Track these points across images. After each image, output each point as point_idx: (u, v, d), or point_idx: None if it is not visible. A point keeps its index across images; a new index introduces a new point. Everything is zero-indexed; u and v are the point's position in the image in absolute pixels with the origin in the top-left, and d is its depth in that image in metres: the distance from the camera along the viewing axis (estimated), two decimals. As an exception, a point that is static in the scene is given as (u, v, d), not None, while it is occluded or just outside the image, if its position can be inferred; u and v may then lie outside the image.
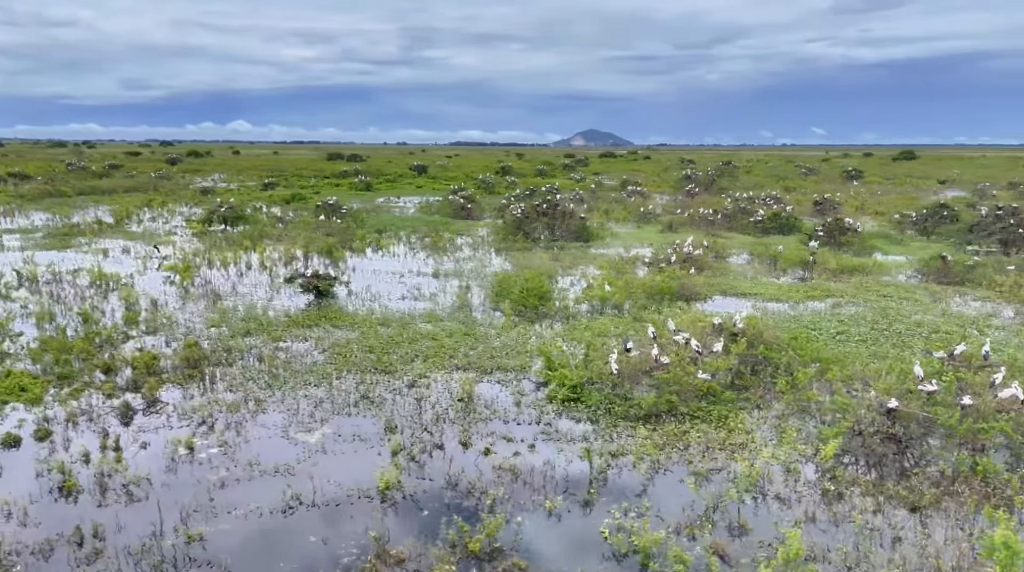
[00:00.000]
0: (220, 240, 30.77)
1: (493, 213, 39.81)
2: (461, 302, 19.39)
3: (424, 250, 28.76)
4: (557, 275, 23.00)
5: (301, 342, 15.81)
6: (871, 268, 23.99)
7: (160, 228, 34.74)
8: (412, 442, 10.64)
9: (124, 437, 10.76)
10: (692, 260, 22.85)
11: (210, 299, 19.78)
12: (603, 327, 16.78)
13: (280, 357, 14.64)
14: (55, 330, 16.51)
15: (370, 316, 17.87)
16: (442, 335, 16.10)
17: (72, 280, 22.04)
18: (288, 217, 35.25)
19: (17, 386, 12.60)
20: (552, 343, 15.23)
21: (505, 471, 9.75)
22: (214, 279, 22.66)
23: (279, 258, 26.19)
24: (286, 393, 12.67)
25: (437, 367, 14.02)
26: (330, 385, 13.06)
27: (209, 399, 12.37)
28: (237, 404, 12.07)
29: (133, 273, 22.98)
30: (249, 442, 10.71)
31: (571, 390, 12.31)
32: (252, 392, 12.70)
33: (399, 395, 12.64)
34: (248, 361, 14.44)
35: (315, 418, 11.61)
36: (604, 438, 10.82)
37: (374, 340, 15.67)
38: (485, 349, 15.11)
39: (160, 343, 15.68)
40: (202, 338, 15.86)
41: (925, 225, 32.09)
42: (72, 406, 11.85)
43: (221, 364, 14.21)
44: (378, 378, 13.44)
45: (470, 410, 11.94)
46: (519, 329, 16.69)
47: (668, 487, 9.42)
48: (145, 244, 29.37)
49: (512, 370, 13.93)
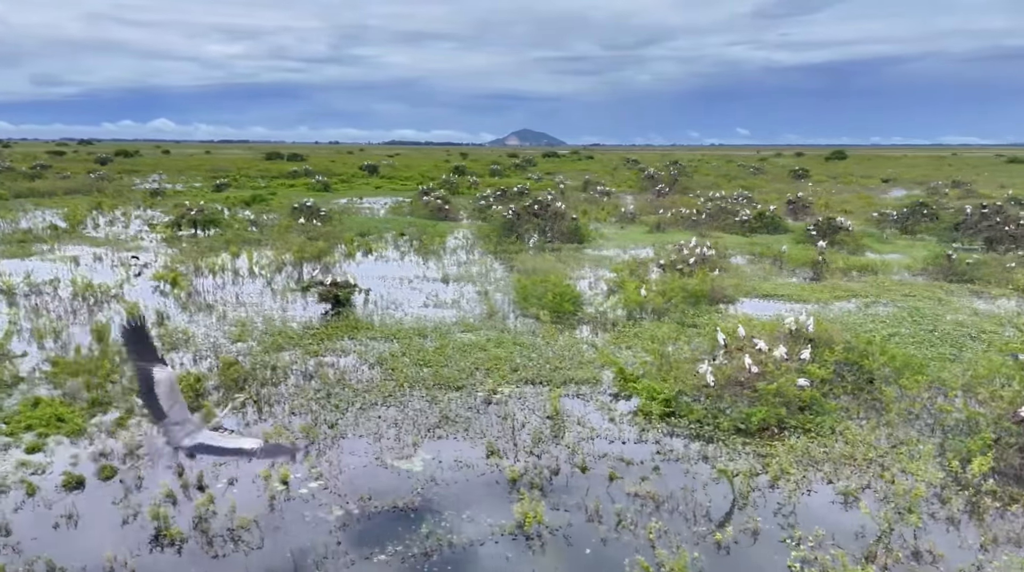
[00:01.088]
0: (194, 246, 29.07)
1: (472, 214, 38.94)
2: (488, 309, 18.56)
3: (417, 253, 27.73)
4: (567, 278, 22.31)
5: (342, 356, 14.73)
6: (878, 267, 24.12)
7: (122, 233, 32.63)
8: (525, 468, 9.82)
9: (204, 473, 9.60)
10: (707, 261, 22.51)
11: (217, 311, 18.41)
12: (651, 333, 16.21)
13: (329, 374, 13.56)
14: (60, 348, 15.02)
15: (401, 326, 16.87)
16: (489, 345, 15.26)
17: (54, 292, 20.28)
18: (262, 220, 33.60)
19: (52, 416, 11.23)
20: (616, 353, 14.62)
21: (643, 498, 9.03)
22: (209, 288, 21.21)
23: (268, 264, 24.80)
24: (357, 415, 11.65)
25: (504, 381, 13.18)
26: (400, 404, 12.09)
27: (277, 424, 11.26)
28: (311, 429, 11.01)
29: (120, 283, 21.25)
30: (345, 472, 9.71)
31: (664, 404, 11.68)
32: (320, 415, 11.64)
33: (479, 413, 11.78)
34: (297, 380, 13.33)
35: (403, 442, 10.65)
36: (726, 456, 10.21)
37: (420, 352, 14.72)
38: (542, 359, 14.34)
39: (186, 361, 14.38)
40: (225, 353, 14.63)
41: (906, 223, 32.65)
42: (126, 437, 10.59)
43: (267, 383, 13.05)
44: (448, 395, 12.53)
45: (563, 428, 11.17)
46: (565, 337, 15.97)
47: (820, 509, 8.87)
48: (115, 251, 27.48)
49: (584, 382, 13.20)
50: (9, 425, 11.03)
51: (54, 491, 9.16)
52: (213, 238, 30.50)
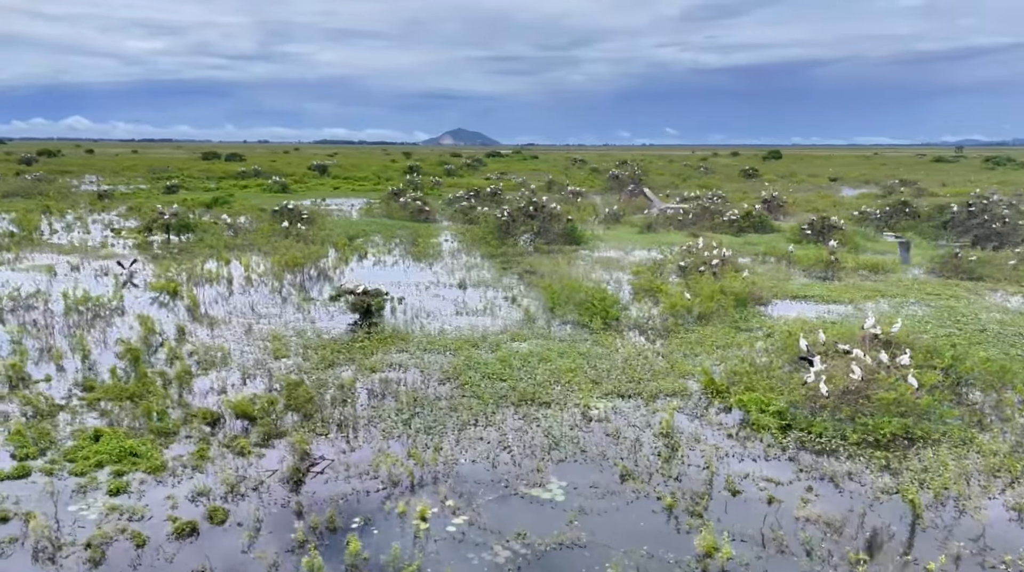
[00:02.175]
0: (172, 252, 27.40)
1: (454, 216, 38.00)
2: (526, 316, 17.82)
3: (415, 258, 26.69)
4: (589, 282, 21.70)
5: (401, 371, 13.77)
6: (888, 266, 24.30)
7: (86, 239, 30.51)
8: (673, 494, 9.15)
9: (346, 518, 8.60)
10: (726, 263, 22.24)
11: (237, 323, 17.16)
12: (710, 339, 15.75)
13: (400, 390, 12.62)
14: (88, 371, 13.64)
15: (446, 336, 15.98)
16: (551, 355, 14.53)
17: (44, 306, 18.60)
18: (238, 224, 31.93)
19: (123, 450, 10.02)
20: (685, 361, 14.11)
21: (815, 523, 8.49)
22: (214, 298, 19.82)
23: (265, 271, 23.44)
24: (457, 437, 10.79)
25: (589, 394, 12.48)
26: (495, 423, 11.26)
27: (375, 450, 10.30)
28: (417, 454, 10.09)
29: (119, 295, 19.62)
30: (482, 504, 8.86)
31: (776, 416, 11.20)
32: (416, 438, 10.73)
33: (585, 432, 11.06)
34: (368, 398, 12.34)
35: (524, 467, 9.85)
36: (871, 472, 9.76)
37: (483, 365, 13.88)
38: (614, 370, 13.70)
39: (235, 380, 13.20)
40: (272, 372, 13.54)
41: (890, 221, 33.23)
42: (224, 473, 9.48)
43: (337, 404, 12.03)
44: (541, 412, 11.77)
45: (681, 446, 10.56)
46: (625, 345, 15.37)
47: (1001, 526, 8.48)
48: (88, 258, 25.59)
49: (672, 394, 12.61)
50: (76, 463, 9.77)
51: (167, 541, 8.06)
52: (193, 244, 28.80)
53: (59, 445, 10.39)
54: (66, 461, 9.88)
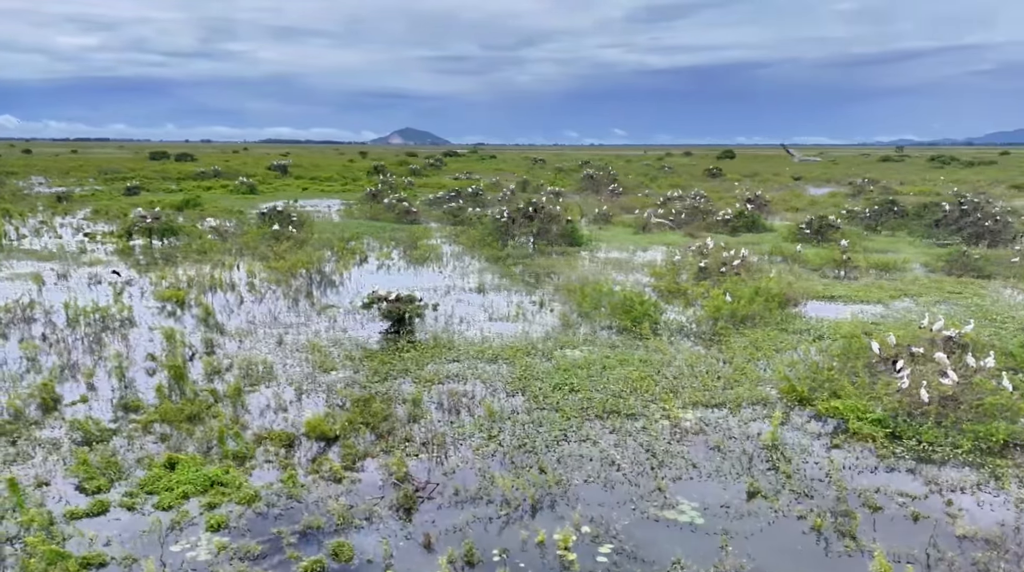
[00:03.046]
0: (158, 257, 26.06)
1: (442, 217, 37.18)
2: (563, 321, 17.27)
3: (419, 261, 25.87)
4: (613, 284, 21.24)
5: (462, 383, 13.08)
6: (899, 264, 24.44)
7: (59, 244, 28.83)
8: (811, 511, 8.70)
9: (474, 545, 7.91)
10: (745, 264, 22.04)
11: (266, 334, 16.21)
12: (762, 342, 15.42)
13: (471, 404, 11.95)
14: (126, 390, 12.60)
15: (490, 344, 15.32)
16: (612, 363, 14.00)
17: (46, 317, 17.33)
18: (225, 227, 30.58)
19: (206, 479, 9.15)
20: (750, 366, 13.75)
21: (976, 541, 8.12)
22: (227, 307, 18.77)
23: (269, 277, 22.38)
24: (557, 454, 10.17)
25: (671, 405, 11.98)
26: (587, 438, 10.68)
27: (476, 471, 9.62)
28: (535, 477, 9.45)
29: (127, 306, 18.39)
30: (623, 531, 8.27)
31: (876, 424, 10.88)
32: (513, 456, 10.08)
33: (686, 446, 10.55)
34: (439, 413, 11.63)
35: (644, 487, 9.29)
36: (1000, 482, 9.47)
37: (545, 375, 13.29)
38: (684, 377, 13.24)
39: (290, 395, 12.34)
40: (328, 387, 12.74)
41: (879, 220, 33.61)
42: (329, 503, 8.69)
43: (410, 421, 11.29)
44: (629, 425, 11.22)
45: (793, 458, 10.14)
46: (683, 351, 14.93)
47: None
48: (72, 265, 24.12)
49: (756, 403, 12.20)
50: (159, 495, 8.87)
51: (301, 585, 7.27)
52: (180, 249, 27.44)
53: (130, 475, 9.44)
54: (145, 493, 8.95)
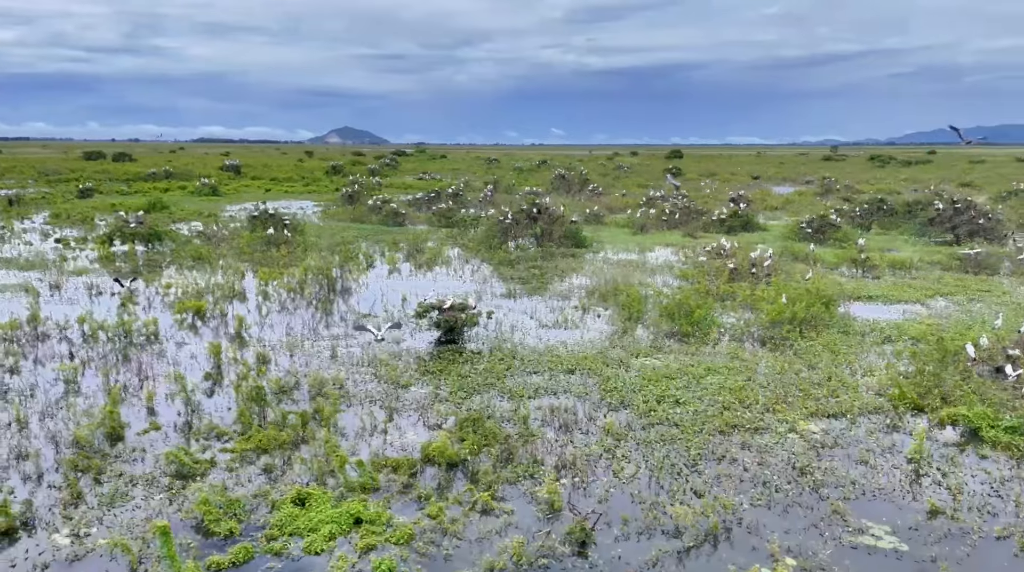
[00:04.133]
0: (151, 264, 24.50)
1: (432, 219, 36.13)
2: (621, 328, 16.67)
3: (428, 266, 24.92)
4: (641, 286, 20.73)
5: (553, 396, 12.37)
6: (914, 263, 24.62)
7: (33, 251, 26.84)
8: (1007, 531, 8.31)
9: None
10: (774, 265, 21.85)
11: (316, 348, 15.16)
12: (836, 346, 15.12)
13: (578, 420, 11.24)
14: (192, 414, 11.48)
15: (557, 354, 14.62)
16: (698, 372, 13.47)
17: (60, 333, 15.88)
18: (213, 231, 28.96)
19: (347, 516, 8.22)
20: (841, 371, 13.40)
21: None
22: (254, 318, 17.55)
23: (282, 284, 21.16)
24: (699, 475, 9.55)
25: (785, 417, 11.51)
26: (724, 457, 10.11)
27: (629, 496, 8.94)
28: (710, 506, 8.81)
29: (152, 320, 17.00)
30: (828, 562, 7.70)
31: (1011, 433, 10.60)
32: (663, 481, 9.42)
33: (831, 460, 10.06)
34: (554, 433, 10.88)
35: (818, 511, 8.76)
36: None
37: (639, 387, 12.68)
38: (781, 386, 12.80)
39: (380, 418, 11.41)
40: (417, 404, 11.89)
41: (871, 219, 34.04)
42: (503, 542, 7.88)
43: (525, 441, 10.51)
44: (757, 439, 10.70)
45: (942, 473, 9.76)
46: (762, 357, 14.50)
47: None
48: (56, 274, 22.37)
49: (872, 411, 11.82)
50: (304, 538, 7.92)
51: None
52: (174, 255, 25.83)
53: (256, 514, 8.44)
54: (286, 536, 7.98)
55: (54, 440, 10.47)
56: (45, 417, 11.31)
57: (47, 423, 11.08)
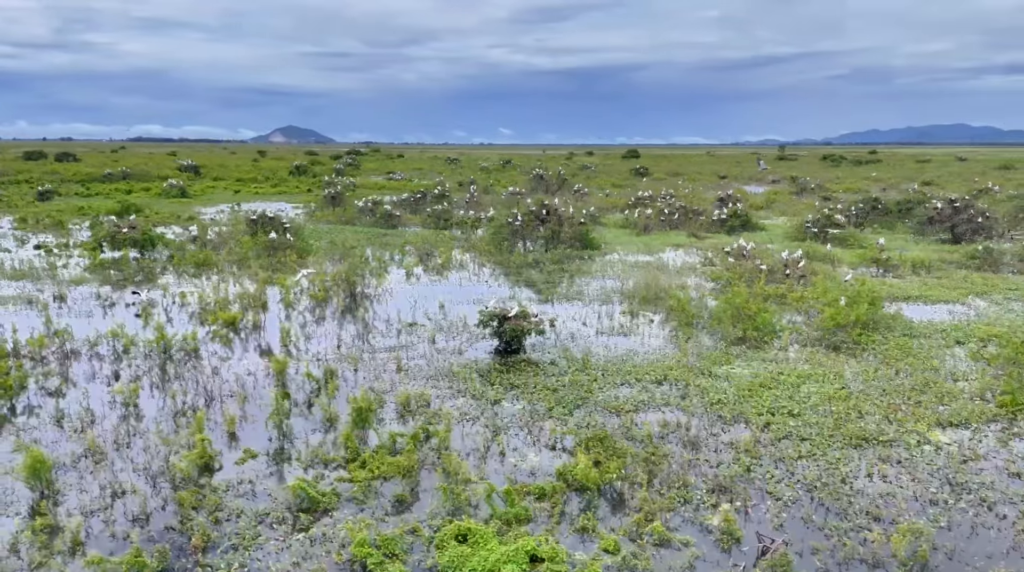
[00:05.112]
0: (147, 271, 23.12)
1: (425, 221, 35.14)
2: (685, 334, 16.17)
3: (442, 271, 24.08)
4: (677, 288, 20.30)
5: (655, 410, 11.79)
6: (932, 262, 24.77)
7: (14, 259, 25.08)
8: None
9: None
10: (804, 268, 21.67)
11: (375, 361, 14.29)
12: (908, 349, 14.88)
13: (697, 437, 10.68)
14: (284, 439, 10.57)
15: (633, 364, 14.06)
16: (792, 380, 13.05)
17: (91, 351, 14.67)
18: (209, 237, 27.53)
19: (520, 552, 7.48)
20: (932, 377, 13.15)
21: None
22: (299, 329, 16.53)
23: (304, 291, 20.14)
24: (862, 496, 9.08)
25: (915, 425, 11.15)
26: (871, 473, 9.67)
27: (798, 520, 8.41)
28: (862, 527, 8.33)
29: (194, 334, 15.82)
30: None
31: None
32: (827, 503, 8.91)
33: (978, 474, 9.71)
34: (684, 450, 10.29)
35: (1007, 533, 8.35)
36: None
37: (740, 398, 12.20)
38: (883, 393, 12.46)
39: (484, 437, 10.66)
40: (519, 421, 11.20)
41: (867, 218, 34.35)
42: None
43: (655, 461, 9.89)
44: (895, 452, 10.29)
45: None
46: (844, 363, 14.17)
47: None
48: (54, 285, 20.91)
49: (991, 420, 11.52)
50: (493, 582, 7.16)
51: None
52: (174, 262, 24.39)
53: (416, 554, 7.64)
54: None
55: (145, 473, 9.46)
56: (121, 446, 10.26)
57: (127, 453, 10.05)
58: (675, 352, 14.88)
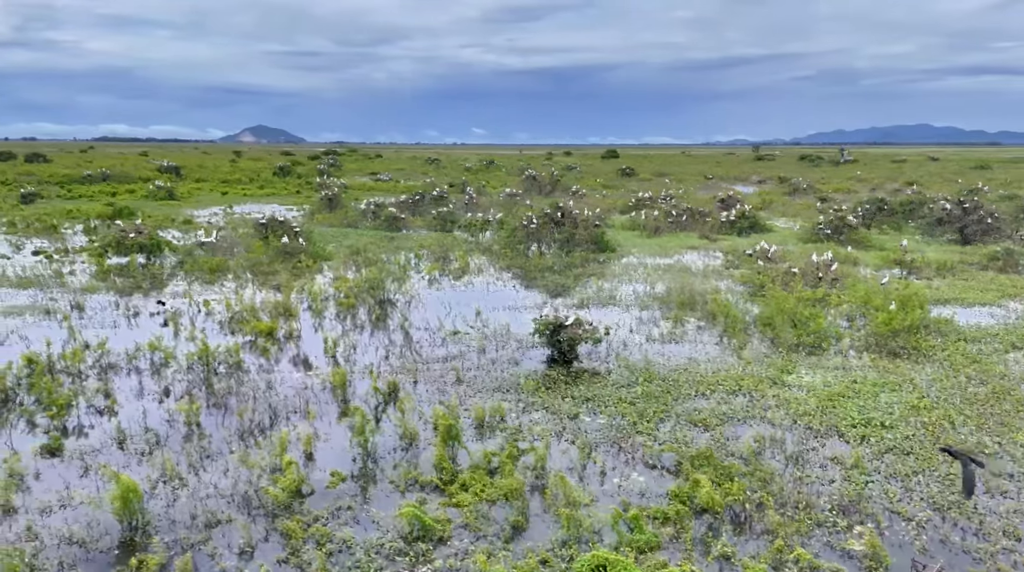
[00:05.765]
0: (155, 278, 22.31)
1: (430, 223, 34.52)
2: (739, 341, 15.84)
3: (461, 275, 23.57)
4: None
5: (740, 424, 11.41)
6: (953, 264, 24.77)
7: (14, 266, 24.07)
8: None
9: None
10: (837, 271, 21.50)
11: (432, 372, 13.75)
12: (977, 357, 14.68)
13: (795, 451, 10.33)
14: (371, 462, 10.02)
15: (695, 373, 13.70)
16: (868, 389, 12.76)
17: (129, 364, 13.96)
18: (215, 241, 26.66)
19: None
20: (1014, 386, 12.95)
21: None
22: (339, 339, 15.87)
23: (329, 297, 19.52)
24: (994, 517, 8.78)
25: (1011, 439, 10.91)
26: (989, 490, 9.38)
27: (962, 551, 8.08)
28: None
29: (234, 346, 15.12)
30: None
31: None
32: (961, 524, 8.59)
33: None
34: (786, 466, 9.91)
35: None
36: None
37: (822, 409, 11.88)
38: (976, 404, 12.21)
39: (571, 455, 10.21)
40: (599, 436, 10.79)
41: (872, 219, 34.41)
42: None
43: (762, 481, 9.50)
44: (1014, 469, 10.01)
45: None
46: (916, 372, 13.92)
47: None
48: (64, 293, 20.04)
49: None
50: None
51: None
52: (186, 267, 23.56)
53: (561, 590, 7.17)
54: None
55: (232, 499, 8.86)
56: (197, 469, 9.63)
57: (206, 477, 9.41)
58: (734, 360, 14.54)
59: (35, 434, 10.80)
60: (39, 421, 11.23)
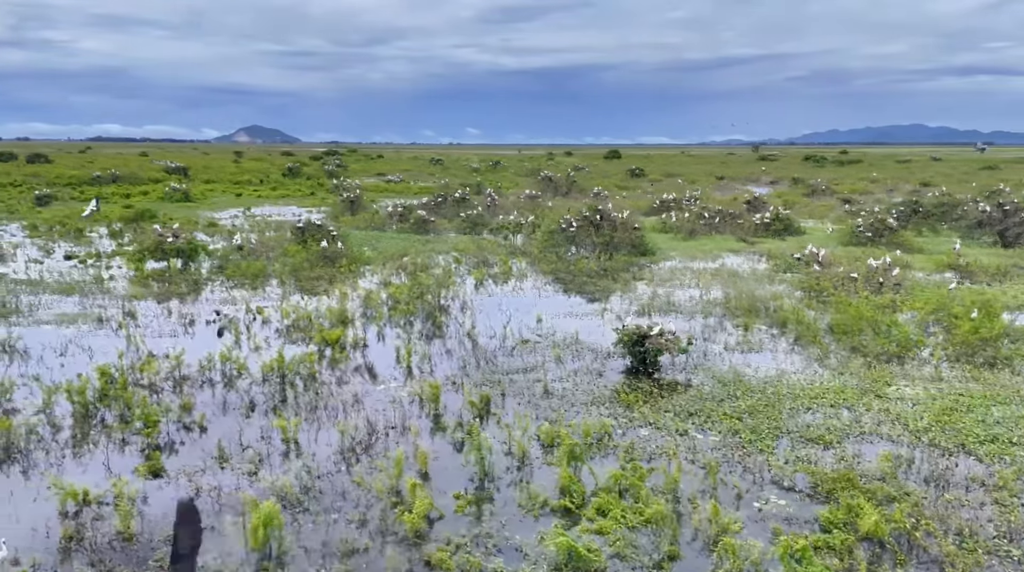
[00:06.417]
0: (192, 284, 21.78)
1: (461, 228, 33.98)
2: (820, 351, 15.40)
3: (504, 279, 23.09)
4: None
5: (861, 441, 10.97)
6: (1007, 268, 24.43)
7: (49, 272, 23.49)
8: None
9: None
10: (898, 276, 21.11)
11: (518, 385, 13.28)
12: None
13: (926, 469, 9.90)
14: (492, 480, 9.55)
15: (788, 382, 13.29)
16: (980, 403, 12.31)
17: (204, 377, 13.43)
18: (250, 245, 26.12)
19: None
20: None
21: None
22: (408, 349, 15.34)
23: (382, 303, 19.03)
24: None
25: None
26: None
27: None
28: None
29: (301, 358, 14.58)
30: None
31: None
32: None
33: None
34: (925, 488, 9.46)
35: None
36: None
37: (944, 424, 11.45)
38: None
39: (698, 476, 9.75)
40: (719, 455, 10.35)
41: (910, 220, 34.06)
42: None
43: (914, 506, 9.06)
44: None
45: None
46: (1008, 381, 13.53)
47: None
48: (110, 300, 19.50)
49: None
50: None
51: None
52: (227, 273, 23.00)
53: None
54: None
55: (360, 524, 8.36)
56: (313, 492, 9.12)
57: (325, 501, 8.91)
58: (822, 370, 14.11)
59: (128, 453, 10.27)
60: (129, 438, 10.69)
